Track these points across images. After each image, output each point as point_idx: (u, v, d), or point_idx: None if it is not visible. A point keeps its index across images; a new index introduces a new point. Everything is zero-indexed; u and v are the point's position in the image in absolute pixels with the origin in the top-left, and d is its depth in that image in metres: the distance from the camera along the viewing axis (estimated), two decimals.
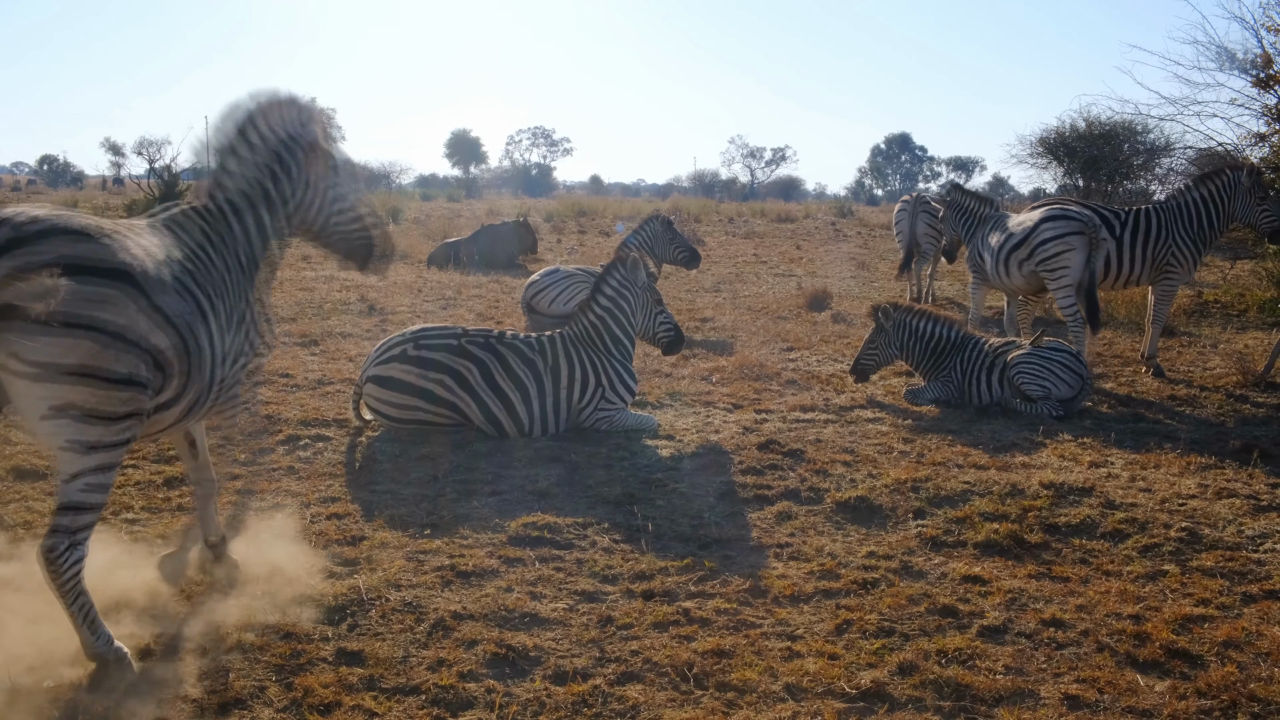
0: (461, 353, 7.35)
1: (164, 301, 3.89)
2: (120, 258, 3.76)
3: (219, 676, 3.97)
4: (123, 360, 3.69)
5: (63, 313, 3.52)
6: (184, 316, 3.98)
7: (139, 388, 3.77)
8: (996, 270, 10.24)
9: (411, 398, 7.30)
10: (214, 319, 4.19)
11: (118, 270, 3.72)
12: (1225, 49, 14.93)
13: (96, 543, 4.24)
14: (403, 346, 7.40)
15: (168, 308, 3.89)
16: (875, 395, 9.10)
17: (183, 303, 4.00)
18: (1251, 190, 9.94)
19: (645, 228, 13.89)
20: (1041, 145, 26.71)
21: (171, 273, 4.02)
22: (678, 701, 3.90)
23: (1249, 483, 6.56)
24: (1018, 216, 10.44)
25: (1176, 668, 4.19)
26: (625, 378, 7.73)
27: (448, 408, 7.32)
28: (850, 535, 5.67)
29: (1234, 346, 11.50)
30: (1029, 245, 9.83)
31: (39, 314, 3.47)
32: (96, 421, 3.70)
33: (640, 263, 7.89)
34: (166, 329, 3.88)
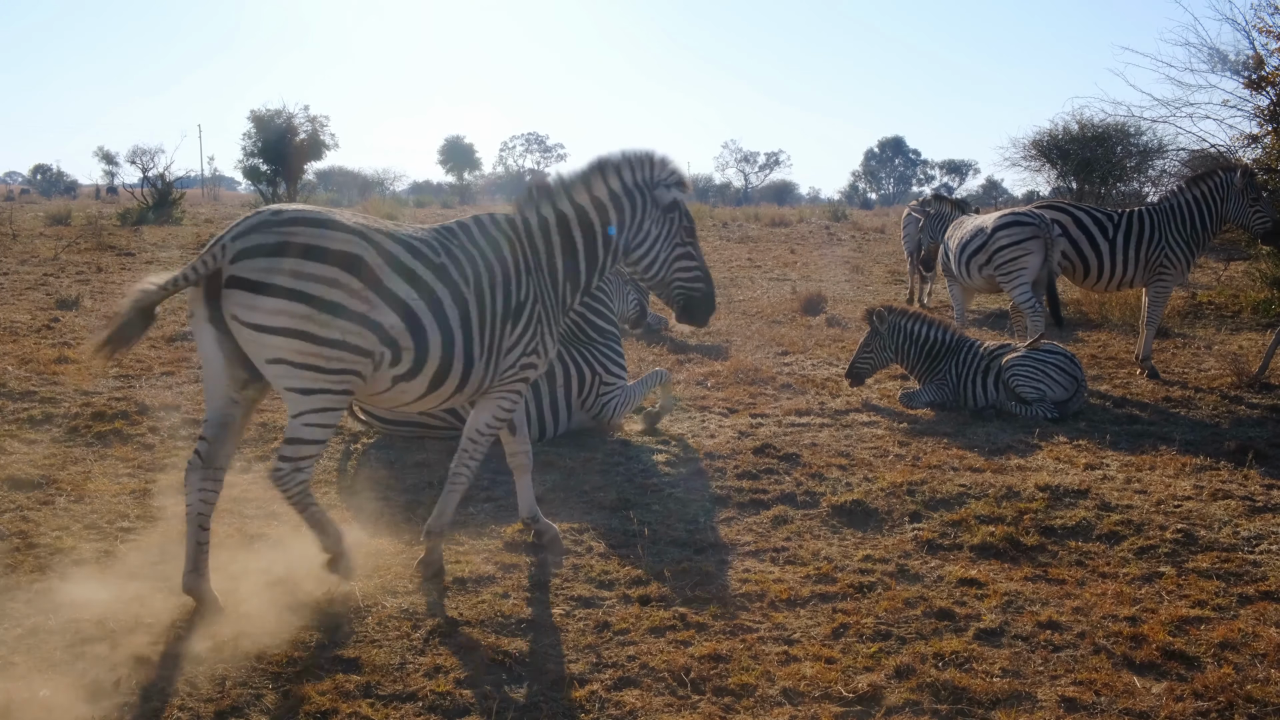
0: None
1: (393, 285, 4.50)
2: (350, 248, 4.43)
3: (215, 684, 3.96)
4: (332, 327, 4.34)
5: (278, 285, 4.26)
6: (415, 304, 4.56)
7: (352, 351, 4.40)
8: (959, 270, 10.81)
9: None
10: (470, 314, 4.76)
11: (346, 256, 4.40)
12: (1217, 50, 14.97)
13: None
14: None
15: (398, 293, 4.51)
16: (870, 399, 9.10)
17: (416, 291, 4.57)
18: (1244, 192, 9.97)
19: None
20: (1034, 148, 26.77)
21: (417, 266, 4.62)
22: (674, 706, 3.89)
23: (1244, 484, 6.57)
24: (976, 219, 10.76)
25: (1173, 669, 4.19)
26: (615, 357, 7.81)
27: (443, 410, 7.30)
28: (846, 539, 5.67)
29: (1228, 348, 11.53)
30: (987, 251, 10.29)
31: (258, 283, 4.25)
32: (308, 371, 4.36)
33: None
34: (393, 311, 4.50)
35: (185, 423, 7.67)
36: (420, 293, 4.60)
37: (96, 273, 17.71)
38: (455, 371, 4.77)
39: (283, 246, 4.33)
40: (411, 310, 4.56)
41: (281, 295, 4.27)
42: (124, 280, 16.67)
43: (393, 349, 4.53)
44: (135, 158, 39.28)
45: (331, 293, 4.34)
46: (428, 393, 4.80)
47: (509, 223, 5.09)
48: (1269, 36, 14.17)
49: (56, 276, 17.00)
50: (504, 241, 5.01)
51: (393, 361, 4.56)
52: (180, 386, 8.93)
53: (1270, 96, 14.02)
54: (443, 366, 4.71)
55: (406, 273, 4.58)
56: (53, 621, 4.42)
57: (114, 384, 8.89)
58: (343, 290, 4.36)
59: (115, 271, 18.04)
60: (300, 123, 30.61)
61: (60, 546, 5.24)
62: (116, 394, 8.43)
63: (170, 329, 11.85)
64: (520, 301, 4.97)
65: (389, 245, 4.59)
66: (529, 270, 5.03)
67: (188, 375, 9.38)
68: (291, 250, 4.33)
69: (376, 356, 4.50)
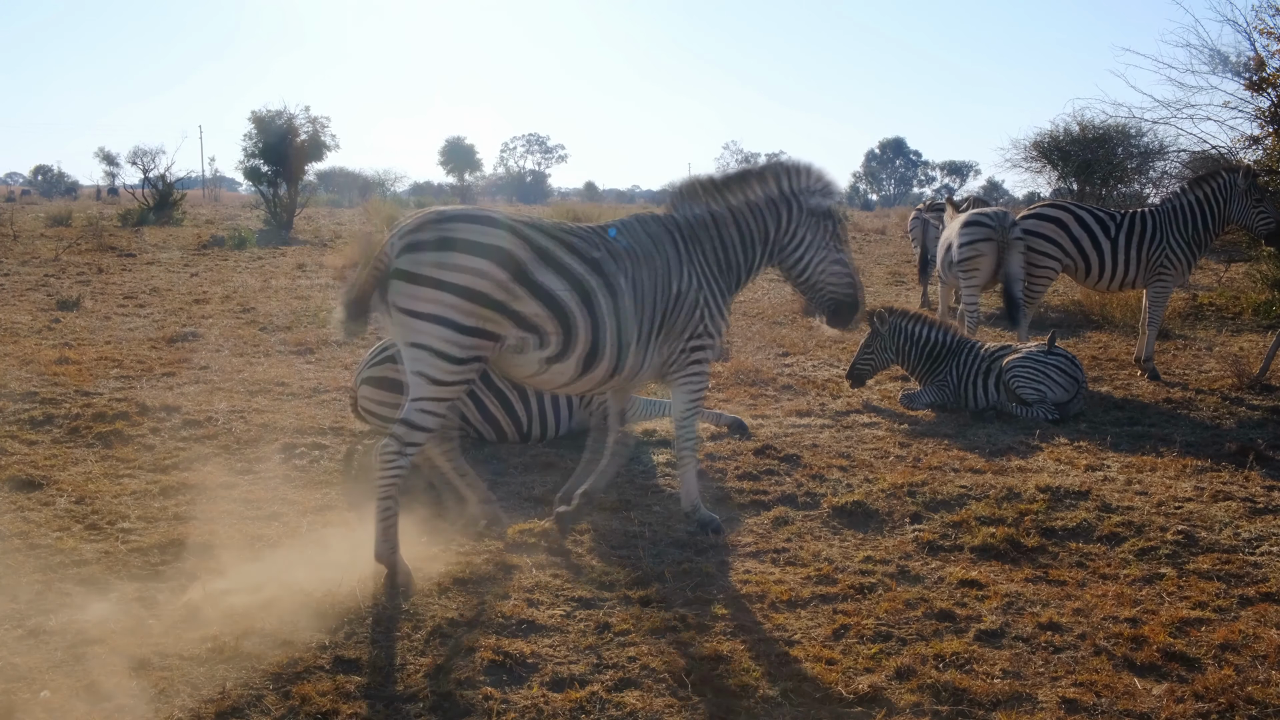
0: None
1: (542, 277, 4.94)
2: (500, 243, 4.86)
3: (215, 685, 3.96)
4: (471, 314, 4.79)
5: (431, 276, 4.77)
6: (564, 293, 4.98)
7: (487, 338, 4.88)
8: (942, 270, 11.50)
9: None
10: (624, 304, 5.17)
11: (495, 249, 4.84)
12: (1218, 52, 14.93)
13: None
14: (398, 348, 7.39)
15: (546, 283, 4.94)
16: (871, 400, 9.10)
17: (565, 283, 4.99)
18: (1247, 193, 9.96)
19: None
20: (1035, 149, 26.72)
21: (569, 259, 5.05)
22: (675, 708, 3.89)
23: (1245, 485, 6.57)
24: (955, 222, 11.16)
25: (1174, 671, 4.19)
26: None
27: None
28: (847, 540, 5.67)
29: (1229, 349, 11.52)
30: (952, 251, 10.71)
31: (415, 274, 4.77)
32: (442, 361, 4.83)
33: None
34: (538, 300, 4.93)
35: (186, 423, 7.68)
36: (570, 284, 5.01)
37: (97, 274, 17.72)
38: (607, 355, 5.18)
39: (441, 242, 4.83)
40: (559, 299, 4.98)
41: (433, 285, 4.77)
42: (125, 281, 16.69)
43: (538, 335, 5.00)
44: (136, 159, 39.18)
45: (478, 283, 4.80)
46: (581, 375, 5.20)
47: (670, 219, 5.51)
48: (1270, 38, 14.17)
49: (57, 277, 17.01)
50: (664, 236, 5.42)
51: (539, 345, 5.03)
52: (181, 388, 8.94)
53: (1271, 98, 14.02)
54: (593, 350, 5.12)
55: (557, 265, 5.00)
56: (54, 622, 4.43)
57: (114, 385, 8.89)
58: (489, 281, 4.82)
59: (116, 272, 18.06)
60: (301, 124, 30.50)
61: (61, 547, 5.24)
62: (117, 395, 8.44)
63: (170, 330, 11.86)
64: (680, 291, 5.38)
65: (542, 241, 5.04)
66: (690, 262, 5.43)
67: (188, 376, 9.39)
68: (448, 245, 4.81)
69: (517, 342, 4.98)
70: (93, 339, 11.27)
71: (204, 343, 11.21)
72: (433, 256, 4.80)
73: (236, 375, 9.52)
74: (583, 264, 5.09)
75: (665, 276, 5.35)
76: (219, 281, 17.10)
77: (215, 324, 12.58)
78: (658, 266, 5.34)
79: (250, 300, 14.68)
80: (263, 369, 9.86)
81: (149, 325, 12.43)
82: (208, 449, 7.10)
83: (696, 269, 5.45)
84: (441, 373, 4.87)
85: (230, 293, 15.49)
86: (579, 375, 5.20)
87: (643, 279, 5.27)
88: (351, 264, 19.84)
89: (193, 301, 14.55)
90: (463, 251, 4.82)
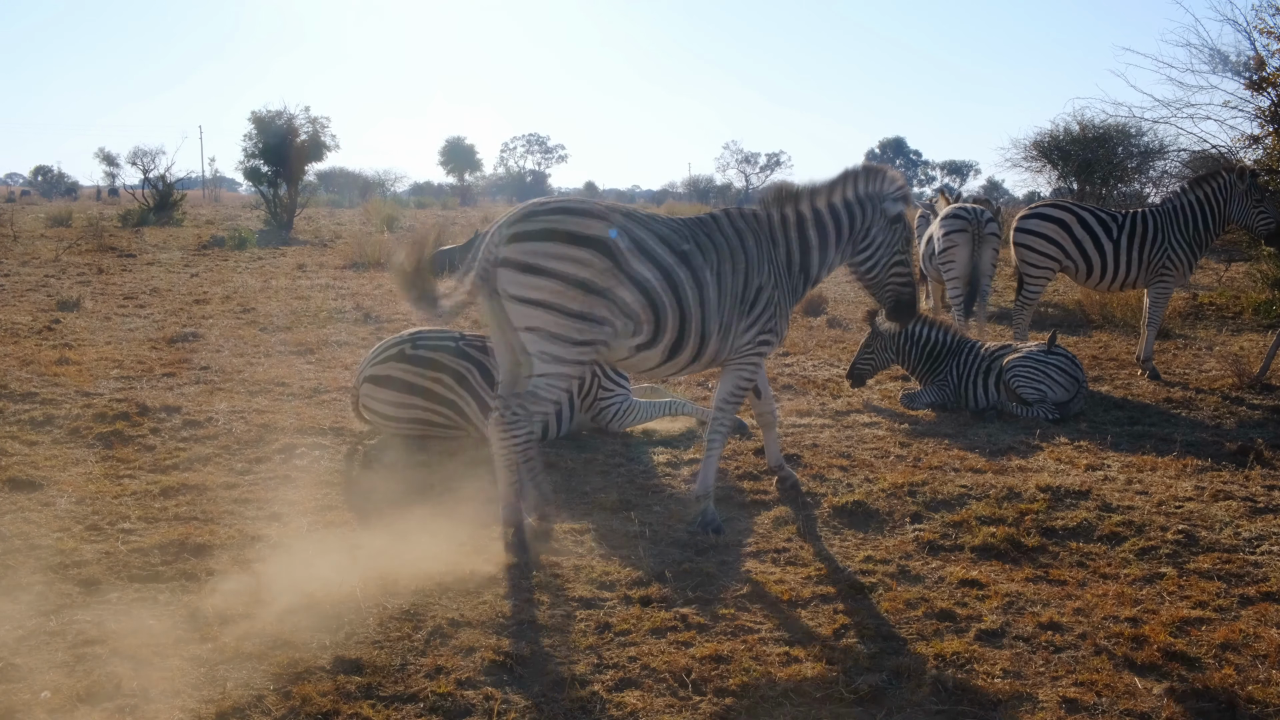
0: (460, 354, 7.35)
1: (637, 268, 5.24)
2: (598, 233, 5.18)
3: (215, 685, 3.96)
4: (578, 300, 5.13)
5: (539, 265, 5.10)
6: (656, 283, 5.29)
7: (594, 323, 5.20)
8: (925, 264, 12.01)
9: (410, 396, 7.29)
10: (709, 295, 5.45)
11: (595, 240, 5.16)
12: (1218, 51, 14.93)
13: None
14: (400, 347, 7.41)
15: (640, 273, 5.25)
16: (871, 400, 9.10)
17: (659, 273, 5.30)
18: (1248, 193, 9.95)
19: None
20: (1035, 148, 26.75)
21: (661, 251, 5.35)
22: (676, 708, 3.89)
23: (1245, 485, 6.57)
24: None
25: (1174, 670, 4.18)
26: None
27: (447, 406, 7.30)
28: (847, 540, 5.67)
29: (1229, 349, 11.52)
30: (934, 243, 11.35)
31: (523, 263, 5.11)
32: (556, 341, 5.18)
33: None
34: (634, 289, 5.24)
35: (186, 424, 7.68)
36: (662, 274, 5.31)
37: (97, 274, 17.72)
38: (690, 344, 5.49)
39: (546, 233, 5.15)
40: (652, 289, 5.28)
41: (540, 274, 5.11)
42: (125, 282, 16.70)
43: (632, 321, 5.31)
44: (136, 159, 39.19)
45: (582, 271, 5.13)
46: (665, 361, 5.53)
47: (755, 217, 5.77)
48: (1270, 38, 14.17)
49: (57, 278, 17.02)
50: (748, 233, 5.68)
51: (633, 333, 5.35)
52: (181, 388, 8.94)
53: (1271, 98, 14.01)
54: (679, 339, 5.43)
55: (651, 256, 5.31)
56: (54, 623, 4.43)
57: (115, 385, 8.89)
58: (592, 270, 5.14)
59: (116, 273, 18.06)
60: (301, 124, 30.49)
61: (61, 548, 5.24)
62: (117, 395, 8.44)
63: (171, 331, 11.86)
64: (759, 286, 5.64)
65: (638, 232, 5.33)
66: (769, 260, 5.69)
67: (188, 377, 9.39)
68: (553, 236, 5.14)
69: (617, 328, 5.29)
70: (93, 339, 11.27)
71: (204, 343, 11.21)
72: (538, 246, 5.13)
73: (237, 375, 9.52)
74: (673, 255, 5.38)
75: (747, 272, 5.61)
76: (219, 282, 17.11)
77: (215, 324, 12.58)
78: (739, 262, 5.59)
79: (250, 300, 14.68)
80: (263, 369, 9.86)
81: (149, 326, 12.43)
82: (208, 449, 7.10)
83: (775, 268, 5.70)
84: (560, 351, 5.22)
85: (230, 293, 15.49)
86: (663, 362, 5.53)
87: (726, 273, 5.54)
88: (351, 263, 19.86)
89: (193, 302, 14.55)
90: (566, 242, 5.13)
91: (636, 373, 5.74)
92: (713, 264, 5.50)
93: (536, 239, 5.15)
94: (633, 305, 5.27)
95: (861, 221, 5.89)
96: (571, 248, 5.13)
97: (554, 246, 5.13)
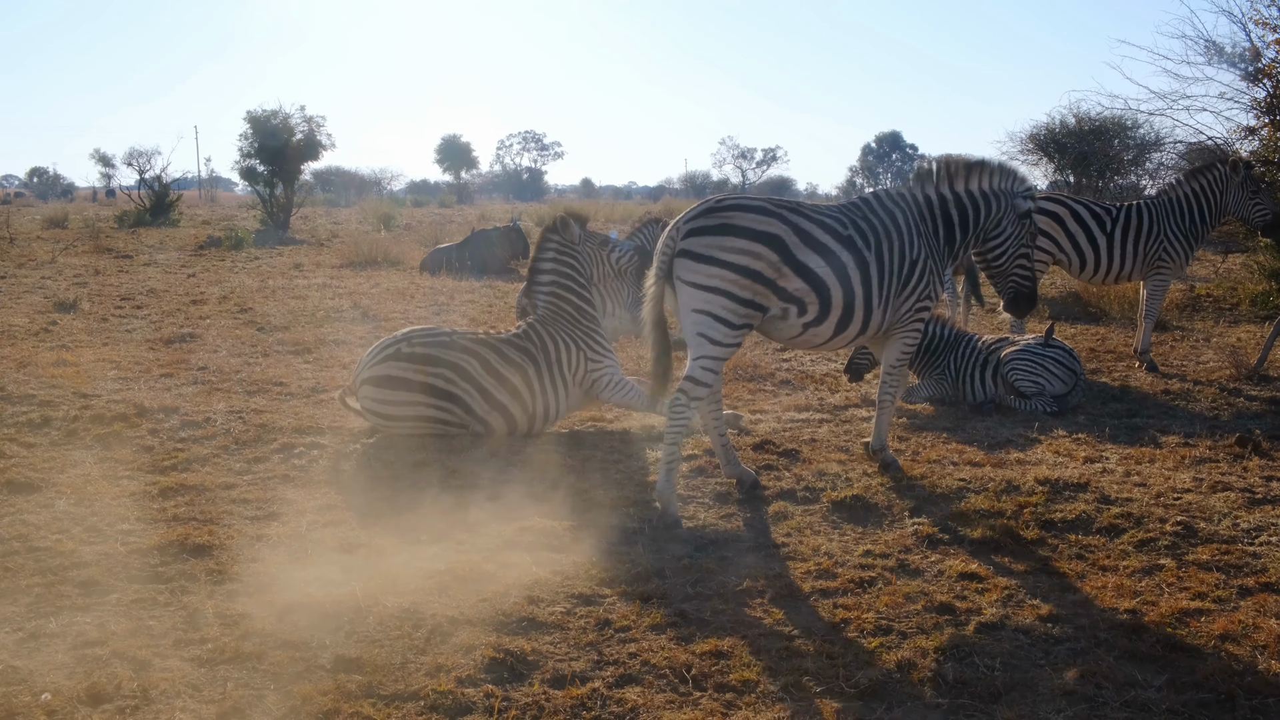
0: (458, 348, 7.37)
1: (804, 257, 5.79)
2: (770, 229, 5.72)
3: (216, 685, 3.96)
4: (745, 289, 5.69)
5: (713, 256, 5.67)
6: (821, 269, 5.83)
7: (757, 309, 5.77)
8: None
9: (412, 394, 7.30)
10: (870, 273, 6.01)
11: (766, 235, 5.71)
12: (1214, 43, 14.86)
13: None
14: (397, 346, 7.42)
15: (806, 262, 5.80)
16: (870, 394, 9.10)
17: (823, 259, 5.83)
18: (1243, 184, 9.96)
19: (642, 231, 13.86)
20: (1032, 142, 26.70)
21: (826, 239, 5.88)
22: (676, 703, 3.89)
23: (1244, 476, 6.57)
24: None
25: (1174, 661, 4.19)
26: (597, 337, 7.85)
27: (450, 401, 7.31)
28: (846, 534, 5.67)
29: (1227, 340, 11.53)
30: None
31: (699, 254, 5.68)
32: (720, 324, 5.72)
33: (566, 220, 7.96)
34: (799, 277, 5.79)
35: (184, 424, 7.67)
36: (828, 261, 5.85)
37: (94, 275, 17.70)
38: (857, 318, 6.04)
39: (721, 228, 5.69)
40: (817, 275, 5.83)
41: (714, 264, 5.66)
42: (122, 283, 16.68)
43: (799, 305, 5.86)
44: (132, 160, 39.25)
45: (753, 263, 5.67)
46: (834, 336, 6.09)
47: (903, 196, 6.36)
48: (1265, 29, 14.14)
49: (54, 279, 17.00)
50: (899, 211, 6.26)
51: (800, 314, 5.89)
52: (179, 389, 8.93)
53: (1267, 89, 13.99)
54: (845, 315, 5.98)
55: (817, 246, 5.84)
56: (53, 625, 4.43)
57: (112, 386, 8.89)
58: (762, 262, 5.68)
59: (113, 274, 18.04)
60: (297, 123, 30.44)
61: (60, 550, 5.24)
62: (115, 396, 8.43)
63: (168, 331, 11.85)
64: (914, 259, 6.21)
65: (805, 225, 5.85)
66: (920, 233, 6.26)
67: (186, 377, 9.38)
68: (728, 231, 5.68)
69: (779, 311, 5.84)
70: (90, 341, 11.26)
71: (201, 343, 11.20)
72: (715, 240, 5.66)
73: (234, 376, 9.51)
74: (837, 242, 5.91)
75: (902, 248, 6.16)
76: (216, 282, 17.09)
77: (213, 325, 12.57)
78: (894, 240, 6.14)
79: (247, 301, 14.66)
80: (260, 369, 9.85)
81: (146, 326, 12.41)
82: (206, 450, 7.10)
83: (924, 241, 6.28)
84: (720, 335, 5.75)
85: (227, 293, 15.47)
86: (832, 336, 6.08)
87: (884, 251, 6.08)
88: (348, 262, 19.84)
89: (190, 302, 14.53)
90: (740, 236, 5.67)
91: (808, 347, 6.34)
92: (872, 244, 6.03)
93: (713, 233, 5.69)
94: (800, 291, 5.81)
95: (995, 211, 6.48)
96: (744, 241, 5.67)
97: (729, 240, 5.66)
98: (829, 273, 5.86)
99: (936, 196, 6.39)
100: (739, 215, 5.74)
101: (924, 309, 6.39)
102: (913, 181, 6.47)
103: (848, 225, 6.00)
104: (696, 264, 5.68)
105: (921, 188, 6.42)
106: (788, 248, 5.75)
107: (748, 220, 5.72)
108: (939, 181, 6.42)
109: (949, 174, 6.42)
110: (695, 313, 5.73)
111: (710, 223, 5.72)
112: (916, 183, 6.45)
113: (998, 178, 6.47)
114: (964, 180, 6.42)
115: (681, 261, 5.73)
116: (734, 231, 5.68)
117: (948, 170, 6.43)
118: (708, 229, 5.70)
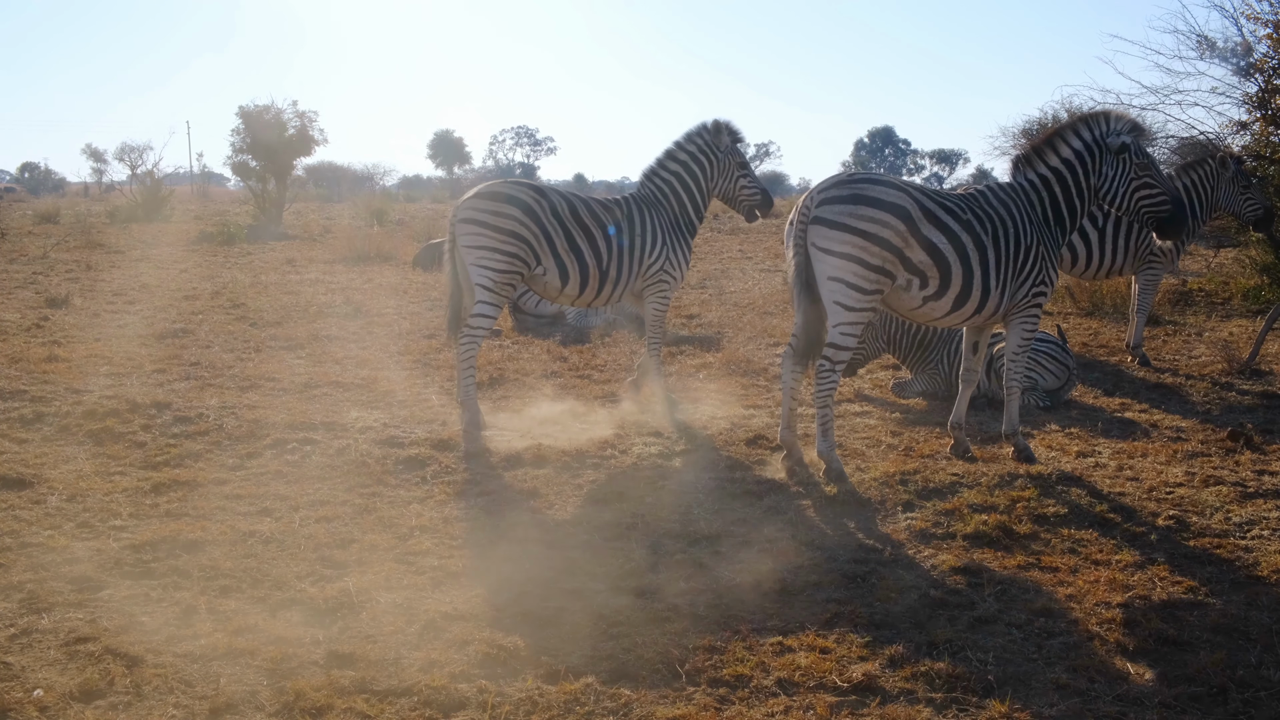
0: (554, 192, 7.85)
1: (927, 232, 6.14)
2: (898, 201, 6.09)
3: (209, 681, 3.95)
4: (875, 255, 6.04)
5: (846, 223, 6.02)
6: (943, 245, 6.18)
7: (886, 275, 6.11)
8: None
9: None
10: (988, 257, 6.32)
11: (895, 206, 6.06)
12: (1205, 38, 14.85)
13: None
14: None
15: (930, 236, 6.15)
16: (863, 389, 9.11)
17: (945, 237, 6.19)
18: (1235, 179, 9.98)
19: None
20: (1024, 136, 26.72)
21: (948, 219, 6.23)
22: (670, 699, 3.89)
23: (1235, 470, 6.59)
24: None
25: (1166, 655, 4.20)
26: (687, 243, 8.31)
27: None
28: (840, 528, 5.67)
29: (1219, 334, 11.56)
30: None
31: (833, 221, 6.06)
32: (853, 290, 6.09)
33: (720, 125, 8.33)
34: (923, 250, 6.15)
35: (177, 420, 7.65)
36: (948, 239, 6.20)
37: (86, 270, 17.64)
38: (974, 298, 6.35)
39: (853, 197, 6.06)
40: (939, 250, 6.17)
41: (847, 230, 6.02)
42: (114, 278, 16.62)
43: (921, 277, 6.20)
44: (123, 155, 39.06)
45: (882, 231, 6.01)
46: (951, 311, 6.39)
47: (1010, 187, 6.64)
48: (1257, 24, 14.16)
49: (46, 275, 16.93)
50: (1009, 202, 6.53)
51: (921, 285, 6.23)
52: (172, 384, 8.90)
53: (1258, 83, 14.01)
54: (963, 293, 6.30)
55: (939, 223, 6.18)
56: (46, 621, 4.42)
57: (105, 382, 8.86)
58: (890, 230, 6.03)
59: (105, 269, 17.97)
60: (289, 118, 30.35)
61: (53, 546, 5.22)
62: (107, 392, 8.40)
63: (160, 327, 11.82)
64: (1028, 245, 6.48)
65: (928, 204, 6.21)
66: (1031, 220, 6.52)
67: (178, 373, 9.36)
68: (859, 200, 6.05)
69: (904, 281, 6.19)
70: (82, 336, 11.22)
71: (194, 339, 11.17)
72: (847, 209, 6.02)
73: (227, 371, 9.49)
74: (957, 223, 6.25)
75: (1017, 236, 6.44)
76: (209, 277, 17.04)
77: (205, 320, 12.54)
78: (1009, 227, 6.43)
79: (240, 296, 14.62)
80: (253, 364, 9.83)
81: (139, 322, 12.38)
82: (199, 445, 7.08)
83: (1035, 226, 6.53)
84: (854, 300, 6.10)
85: (220, 288, 15.43)
86: (950, 312, 6.39)
87: (1000, 238, 6.38)
88: (341, 257, 19.79)
89: (182, 298, 14.49)
90: (871, 206, 6.02)
91: (926, 321, 6.59)
92: (989, 231, 6.35)
93: (846, 202, 6.05)
94: (922, 264, 6.15)
95: (1094, 165, 6.59)
96: (875, 210, 6.01)
97: (860, 209, 6.01)
98: (950, 249, 6.19)
99: (1038, 178, 6.62)
100: (870, 187, 6.11)
101: (1041, 294, 6.61)
102: (1016, 170, 6.74)
103: (966, 211, 6.33)
104: (830, 230, 6.04)
105: (1024, 175, 6.68)
106: (914, 220, 6.09)
107: (878, 192, 6.08)
108: (1032, 164, 6.66)
109: (1042, 152, 6.65)
110: (831, 280, 6.09)
111: (843, 193, 6.08)
112: (1016, 172, 6.73)
113: (1084, 131, 6.61)
114: (1053, 153, 6.61)
115: (816, 229, 6.08)
116: (866, 201, 6.03)
117: (1040, 149, 6.66)
118: (841, 198, 6.06)
